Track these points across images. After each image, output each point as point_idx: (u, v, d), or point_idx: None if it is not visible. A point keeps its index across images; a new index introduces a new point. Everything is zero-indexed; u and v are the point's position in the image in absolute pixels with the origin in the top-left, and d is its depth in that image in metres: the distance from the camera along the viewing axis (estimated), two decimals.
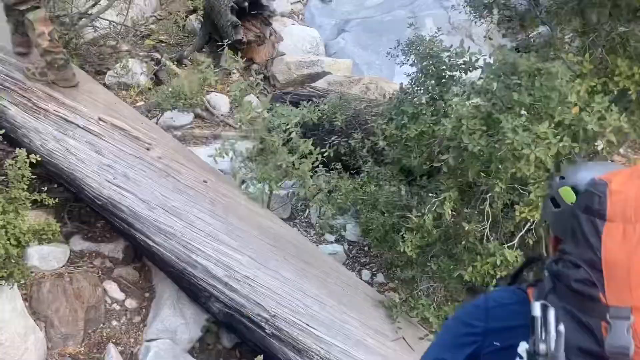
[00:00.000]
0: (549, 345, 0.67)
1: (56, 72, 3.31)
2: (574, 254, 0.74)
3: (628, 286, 0.67)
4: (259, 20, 6.19)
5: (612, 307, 0.67)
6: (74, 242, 3.31)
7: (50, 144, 3.12)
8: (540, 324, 0.69)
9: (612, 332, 0.66)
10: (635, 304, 0.66)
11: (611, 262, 0.69)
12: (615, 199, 0.72)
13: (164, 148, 3.37)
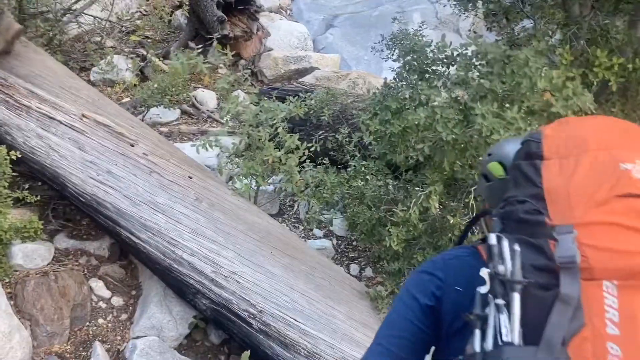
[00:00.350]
0: (507, 265, 0.74)
1: None
2: (518, 195, 0.83)
3: (569, 206, 0.77)
4: (245, 16, 6.16)
5: (557, 226, 0.76)
6: (59, 240, 3.28)
7: (33, 141, 3.08)
8: (497, 250, 0.76)
9: (559, 246, 0.74)
10: (576, 221, 0.76)
11: (552, 189, 0.79)
12: (550, 141, 0.85)
13: (149, 144, 3.34)
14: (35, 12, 5.06)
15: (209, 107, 5.47)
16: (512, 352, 0.70)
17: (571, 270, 0.73)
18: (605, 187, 0.77)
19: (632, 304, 0.71)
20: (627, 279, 0.73)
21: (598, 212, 0.76)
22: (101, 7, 5.48)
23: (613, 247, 0.74)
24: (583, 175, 0.79)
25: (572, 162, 0.80)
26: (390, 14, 7.43)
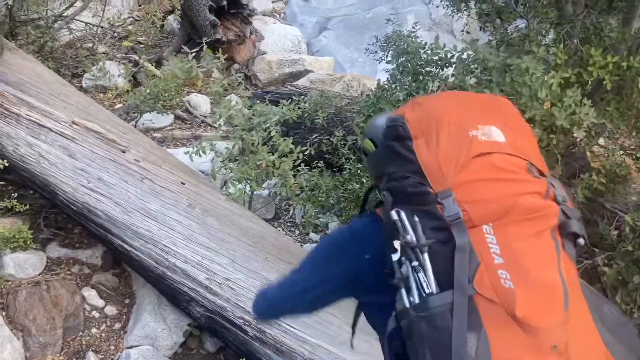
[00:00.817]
0: (411, 234, 0.92)
1: None
2: (399, 171, 1.01)
3: (442, 175, 0.95)
4: (238, 19, 6.14)
5: (439, 193, 0.94)
6: (51, 249, 3.24)
7: (23, 149, 3.04)
8: (401, 224, 0.94)
9: (445, 208, 0.93)
10: (451, 185, 0.94)
11: (426, 164, 0.96)
12: (412, 123, 1.02)
13: (140, 150, 3.30)
14: (26, 19, 5.02)
15: (202, 112, 5.44)
16: (436, 300, 0.89)
17: (458, 225, 0.92)
18: (463, 153, 0.96)
19: (506, 237, 0.91)
20: (497, 219, 0.92)
21: (464, 174, 0.95)
22: (92, 13, 5.44)
23: (481, 198, 0.93)
24: (444, 147, 0.97)
25: (434, 139, 0.98)
26: (384, 15, 7.41)
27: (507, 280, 0.89)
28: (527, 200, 0.94)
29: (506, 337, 0.88)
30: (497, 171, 0.97)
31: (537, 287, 0.89)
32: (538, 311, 0.88)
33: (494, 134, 1.01)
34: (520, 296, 0.87)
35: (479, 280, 0.89)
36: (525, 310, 0.87)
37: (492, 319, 0.89)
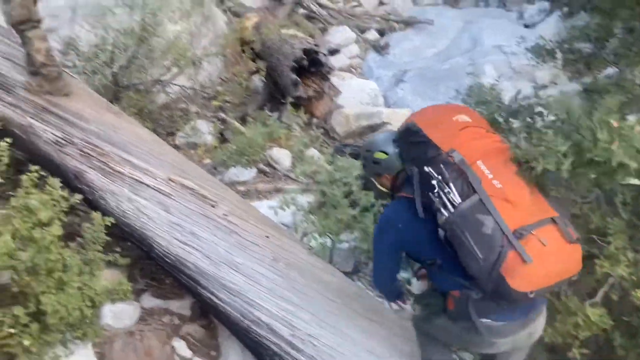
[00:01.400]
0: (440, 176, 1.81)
1: (50, 83, 3.66)
2: (418, 151, 1.89)
3: (448, 143, 1.82)
4: (318, 76, 6.38)
5: (448, 151, 1.82)
6: (145, 300, 3.41)
7: (124, 204, 3.29)
8: (432, 172, 1.85)
9: (455, 158, 1.81)
10: (453, 146, 1.83)
11: (436, 139, 1.83)
12: (420, 123, 1.91)
13: (228, 205, 3.46)
14: (129, 84, 5.54)
15: (284, 166, 5.62)
16: (463, 204, 1.73)
17: (464, 164, 1.77)
18: (456, 129, 1.85)
19: (490, 164, 1.79)
20: (482, 157, 1.80)
21: (458, 139, 1.83)
22: (187, 77, 5.90)
23: (471, 148, 1.81)
24: (445, 128, 1.86)
25: (435, 126, 1.87)
26: (460, 67, 7.43)
27: (498, 184, 1.78)
28: (494, 145, 1.91)
29: (508, 212, 1.73)
30: (473, 134, 1.89)
31: (514, 186, 1.79)
32: (518, 196, 1.77)
33: (464, 117, 1.94)
34: (508, 190, 1.77)
35: (487, 187, 1.77)
36: (512, 196, 1.76)
37: (498, 205, 1.74)
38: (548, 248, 1.71)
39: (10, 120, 3.58)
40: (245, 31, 7.01)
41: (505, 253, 1.68)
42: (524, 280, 1.70)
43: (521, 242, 1.68)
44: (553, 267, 1.75)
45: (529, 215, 1.75)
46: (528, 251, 1.68)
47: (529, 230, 1.71)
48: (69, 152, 3.51)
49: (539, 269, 1.71)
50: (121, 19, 5.81)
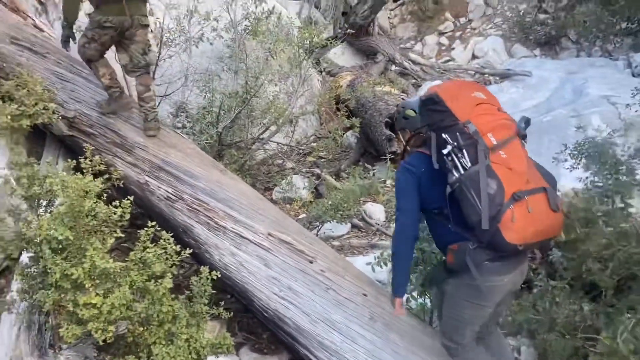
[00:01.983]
0: (454, 142, 2.14)
1: (115, 101, 4.20)
2: (438, 118, 2.19)
3: (465, 114, 2.15)
4: None
5: (465, 122, 2.13)
6: (243, 353, 3.45)
7: (227, 258, 3.41)
8: (447, 138, 2.17)
9: (469, 128, 2.11)
10: (470, 118, 2.13)
11: (455, 110, 2.15)
12: (442, 94, 2.20)
13: (325, 260, 3.46)
14: (231, 143, 5.89)
15: (377, 220, 5.59)
16: (472, 168, 2.06)
17: (477, 134, 2.08)
18: (473, 104, 2.15)
19: (498, 137, 2.10)
20: (492, 130, 2.10)
21: (474, 112, 2.12)
22: (283, 134, 6.17)
23: (484, 122, 2.11)
24: (463, 101, 2.16)
25: (455, 99, 2.16)
26: (563, 118, 7.05)
27: (503, 154, 2.08)
28: (503, 122, 2.16)
29: (509, 178, 2.04)
30: (486, 110, 2.17)
31: (516, 157, 2.10)
32: (519, 165, 2.08)
33: (480, 95, 2.23)
34: (511, 160, 2.07)
35: (493, 157, 2.06)
36: (514, 164, 2.07)
37: (501, 171, 2.04)
38: (537, 211, 2.12)
39: (129, 178, 3.92)
40: (340, 89, 7.24)
41: (503, 211, 2.06)
42: (515, 234, 2.09)
43: (516, 204, 2.07)
44: (539, 227, 2.15)
45: (525, 182, 2.12)
46: (521, 211, 2.08)
47: (524, 195, 2.09)
48: (179, 208, 3.75)
49: (528, 227, 2.11)
50: (226, 83, 6.28)
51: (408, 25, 11.43)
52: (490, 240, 2.11)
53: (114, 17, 3.69)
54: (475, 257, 2.21)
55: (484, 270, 2.22)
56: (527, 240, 2.14)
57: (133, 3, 3.73)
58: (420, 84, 8.56)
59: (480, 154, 2.07)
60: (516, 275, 2.34)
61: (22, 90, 2.66)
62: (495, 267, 2.24)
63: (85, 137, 4.20)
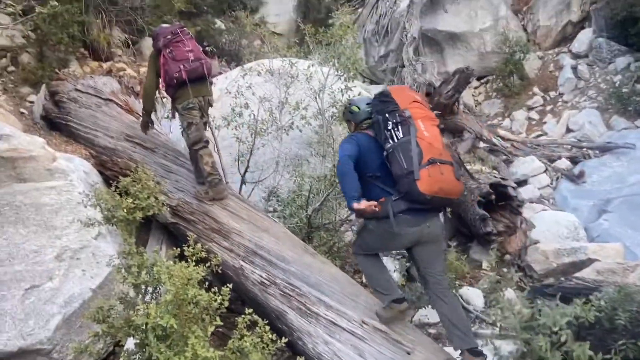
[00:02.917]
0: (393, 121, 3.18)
1: (214, 188, 4.51)
2: (385, 106, 3.24)
3: (403, 105, 3.19)
4: (507, 210, 6.10)
5: (402, 109, 3.17)
6: None
7: (320, 347, 3.33)
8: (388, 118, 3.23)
9: (405, 113, 3.16)
10: (406, 107, 3.19)
11: (399, 101, 3.21)
12: (390, 89, 3.33)
13: (424, 352, 3.27)
14: (320, 225, 5.94)
15: (475, 306, 5.25)
16: (403, 139, 3.09)
17: (411, 118, 3.13)
18: (410, 100, 3.21)
19: (425, 123, 3.16)
20: (421, 118, 3.16)
21: (411, 105, 3.19)
22: None
23: (417, 112, 3.17)
24: (404, 97, 3.28)
25: (400, 95, 3.25)
26: None
27: (426, 134, 3.08)
28: (429, 115, 3.20)
29: (428, 149, 3.01)
30: (419, 106, 3.18)
31: (435, 137, 3.11)
32: (436, 143, 3.08)
33: (417, 97, 3.26)
34: (431, 138, 3.07)
35: (419, 134, 3.03)
36: (433, 142, 3.07)
37: (423, 144, 3.02)
38: (445, 175, 3.00)
39: (225, 263, 4.04)
40: None
41: (421, 168, 2.97)
42: (427, 187, 2.95)
43: (431, 166, 2.98)
44: (445, 187, 3.00)
45: (439, 155, 3.05)
46: (433, 172, 2.98)
47: (437, 161, 3.00)
48: (272, 292, 3.78)
49: (437, 184, 2.97)
50: (315, 167, 6.47)
51: (494, 102, 11.33)
52: (408, 190, 3.02)
53: (192, 99, 4.34)
54: (394, 206, 3.08)
55: (398, 220, 3.08)
56: (434, 193, 2.99)
57: (198, 86, 4.36)
58: (511, 160, 8.30)
59: (411, 130, 3.09)
60: (422, 229, 3.15)
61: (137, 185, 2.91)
62: (406, 220, 3.10)
63: (186, 223, 4.46)
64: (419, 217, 3.09)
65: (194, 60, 4.28)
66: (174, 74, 4.23)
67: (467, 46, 12.14)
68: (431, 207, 3.12)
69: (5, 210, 3.63)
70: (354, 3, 16.52)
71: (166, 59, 4.28)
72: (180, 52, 4.27)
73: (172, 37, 4.34)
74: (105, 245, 3.94)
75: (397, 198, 3.05)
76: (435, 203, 3.07)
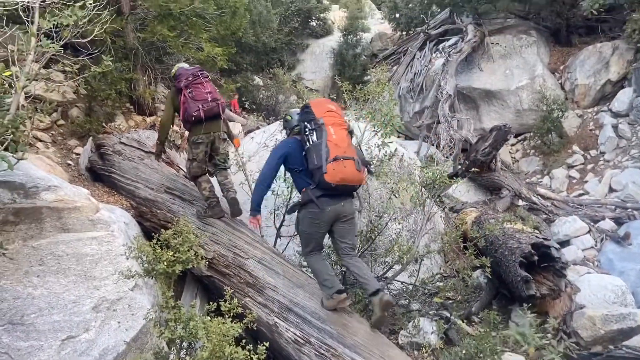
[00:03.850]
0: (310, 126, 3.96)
1: (212, 209, 5.05)
2: (306, 117, 4.00)
3: (320, 114, 3.93)
4: (550, 273, 5.84)
5: (318, 118, 3.91)
6: None
7: None
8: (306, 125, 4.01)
9: (320, 121, 3.90)
10: (321, 116, 3.92)
11: (316, 113, 3.95)
12: (311, 103, 4.05)
13: None
14: (355, 281, 5.82)
15: None
16: (316, 142, 3.86)
17: (322, 125, 3.89)
18: (325, 110, 3.96)
19: (335, 129, 3.89)
20: (333, 124, 3.90)
21: (325, 114, 3.93)
22: (408, 273, 5.98)
23: (329, 120, 3.90)
24: (320, 109, 3.96)
25: (318, 107, 3.98)
26: None
27: (334, 136, 3.86)
28: (340, 121, 3.94)
29: (334, 149, 3.79)
30: (332, 115, 3.93)
31: (342, 140, 3.86)
32: (342, 144, 3.85)
33: (331, 107, 4.01)
34: (338, 141, 3.84)
35: (328, 137, 3.82)
36: (339, 143, 3.83)
37: (331, 145, 3.81)
38: (347, 168, 3.76)
39: (259, 319, 3.97)
40: (465, 226, 7.03)
41: (327, 163, 3.73)
42: (330, 177, 3.73)
43: (335, 162, 3.73)
44: (346, 176, 3.76)
45: (343, 153, 3.79)
46: (337, 166, 3.74)
47: (340, 158, 3.75)
48: (307, 352, 3.66)
49: (338, 174, 3.74)
50: None
51: (532, 160, 11.16)
52: (319, 180, 3.78)
53: (202, 135, 4.90)
54: (312, 193, 3.87)
55: (319, 202, 3.85)
56: (338, 182, 3.76)
57: (213, 123, 4.93)
58: (552, 220, 8.05)
59: (323, 134, 3.83)
60: (337, 207, 3.91)
61: (178, 238, 2.93)
62: (324, 200, 3.87)
63: (222, 277, 4.44)
64: (334, 199, 3.89)
65: (211, 101, 4.80)
66: (193, 112, 4.72)
67: (503, 103, 12.14)
68: (341, 192, 3.92)
69: (49, 260, 3.70)
70: (390, 61, 16.92)
71: (186, 98, 4.76)
72: (199, 93, 4.78)
73: (193, 78, 4.82)
74: (141, 296, 3.93)
75: (313, 187, 3.87)
76: (341, 189, 3.87)
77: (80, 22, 3.59)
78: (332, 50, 19.20)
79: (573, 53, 12.28)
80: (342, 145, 3.80)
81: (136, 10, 8.52)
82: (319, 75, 19.36)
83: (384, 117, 6.60)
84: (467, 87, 12.45)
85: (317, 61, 19.92)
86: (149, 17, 8.74)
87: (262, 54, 17.74)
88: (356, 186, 3.98)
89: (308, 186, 3.89)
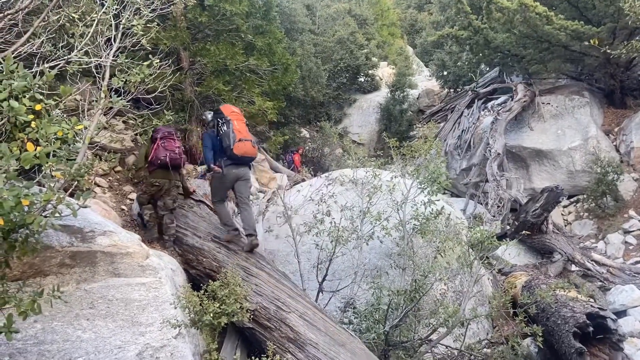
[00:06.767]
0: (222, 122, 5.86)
1: (149, 231, 5.97)
2: (219, 116, 5.92)
3: (227, 115, 5.87)
4: (606, 345, 5.48)
5: (227, 115, 5.86)
6: None
7: None
8: (219, 122, 5.86)
9: (228, 116, 5.87)
10: (228, 115, 5.86)
11: (226, 114, 5.89)
12: (221, 107, 6.08)
13: None
14: (397, 342, 5.64)
15: None
16: (226, 130, 5.73)
17: (230, 121, 5.78)
18: (231, 111, 5.94)
19: (238, 123, 5.82)
20: (237, 119, 5.84)
21: (232, 114, 5.87)
22: (453, 337, 5.75)
23: (233, 117, 5.83)
24: (228, 110, 5.93)
25: (226, 110, 5.99)
26: None
27: (237, 126, 5.78)
28: (241, 118, 5.94)
29: (238, 134, 5.74)
30: (236, 115, 5.90)
31: (242, 128, 5.80)
32: (243, 131, 5.81)
33: (237, 110, 6.05)
34: (239, 128, 5.78)
35: (234, 127, 5.74)
36: (241, 129, 5.78)
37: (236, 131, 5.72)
38: (246, 146, 5.64)
39: None
40: (514, 290, 6.75)
41: (234, 142, 5.56)
42: (237, 151, 5.56)
43: (238, 142, 5.58)
44: (247, 151, 5.66)
45: (243, 137, 5.63)
46: (240, 145, 5.58)
47: (242, 140, 5.60)
48: None
49: (241, 149, 5.59)
50: (393, 279, 6.29)
51: (585, 223, 10.73)
52: (230, 155, 5.52)
53: (160, 180, 5.91)
54: (224, 163, 5.57)
55: (227, 168, 5.58)
56: (241, 154, 5.56)
57: (170, 172, 5.96)
58: (608, 288, 7.61)
59: (230, 126, 5.58)
60: (239, 171, 5.68)
61: (225, 289, 2.96)
62: (229, 167, 5.59)
63: (263, 330, 4.41)
64: (237, 166, 5.66)
65: (176, 153, 6.03)
66: (161, 156, 5.92)
67: (554, 164, 11.87)
68: (242, 162, 5.69)
69: (99, 304, 3.79)
70: (437, 117, 17.00)
71: (159, 146, 5.98)
72: (170, 145, 6.04)
73: (167, 134, 6.11)
74: (183, 345, 3.94)
75: (225, 159, 5.60)
76: (243, 160, 5.67)
77: (146, 79, 3.84)
78: (379, 105, 19.51)
79: (628, 115, 11.98)
80: (243, 132, 5.70)
81: (194, 66, 9.03)
82: (365, 129, 19.63)
83: (431, 174, 6.58)
84: (517, 146, 12.27)
85: (363, 115, 20.25)
86: (205, 72, 9.23)
87: (310, 107, 18.25)
88: (253, 157, 5.83)
89: (221, 160, 5.65)
